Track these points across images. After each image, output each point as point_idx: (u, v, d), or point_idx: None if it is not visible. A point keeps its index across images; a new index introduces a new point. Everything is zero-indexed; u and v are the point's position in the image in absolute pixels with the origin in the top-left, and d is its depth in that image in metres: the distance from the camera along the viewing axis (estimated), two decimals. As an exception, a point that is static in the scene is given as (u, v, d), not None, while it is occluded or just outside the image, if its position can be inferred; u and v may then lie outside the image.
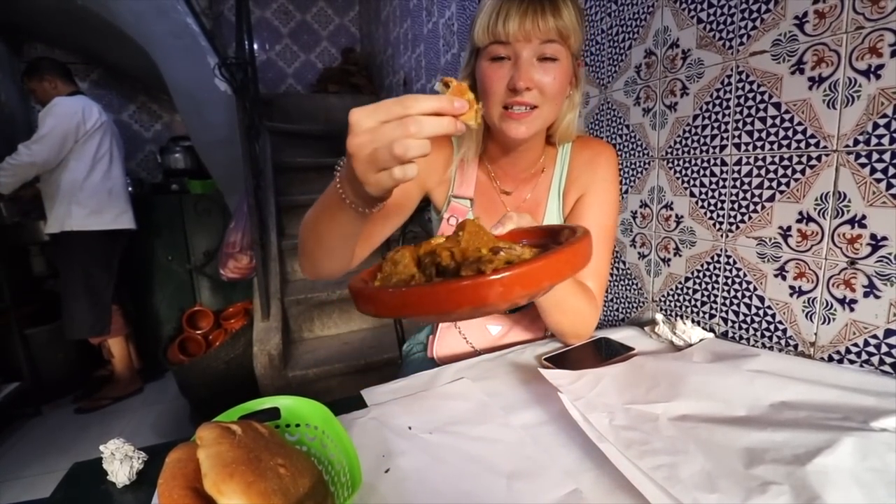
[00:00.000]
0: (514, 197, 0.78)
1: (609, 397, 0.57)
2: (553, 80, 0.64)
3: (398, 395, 0.67)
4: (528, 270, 0.31)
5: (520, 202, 0.78)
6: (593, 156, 0.77)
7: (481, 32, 0.64)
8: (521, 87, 0.62)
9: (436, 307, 0.32)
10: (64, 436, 1.98)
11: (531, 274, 0.31)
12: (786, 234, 0.73)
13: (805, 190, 0.70)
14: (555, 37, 0.62)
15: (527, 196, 0.78)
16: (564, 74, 0.65)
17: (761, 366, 0.61)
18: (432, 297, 0.32)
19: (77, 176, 2.05)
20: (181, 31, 2.24)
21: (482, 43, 0.65)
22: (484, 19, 0.63)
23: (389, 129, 0.37)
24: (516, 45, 0.62)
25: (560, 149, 0.79)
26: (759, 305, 0.78)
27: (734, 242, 0.81)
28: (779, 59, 0.71)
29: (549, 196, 0.78)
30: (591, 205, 0.76)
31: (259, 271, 1.87)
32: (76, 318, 2.06)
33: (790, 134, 0.71)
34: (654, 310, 1.00)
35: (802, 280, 0.71)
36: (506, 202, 0.78)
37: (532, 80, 0.63)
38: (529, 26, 0.60)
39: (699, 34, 0.83)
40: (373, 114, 0.38)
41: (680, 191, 0.90)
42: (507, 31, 0.61)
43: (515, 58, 0.63)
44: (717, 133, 0.82)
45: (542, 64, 0.63)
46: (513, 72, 0.63)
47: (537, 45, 0.62)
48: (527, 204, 0.78)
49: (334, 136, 3.07)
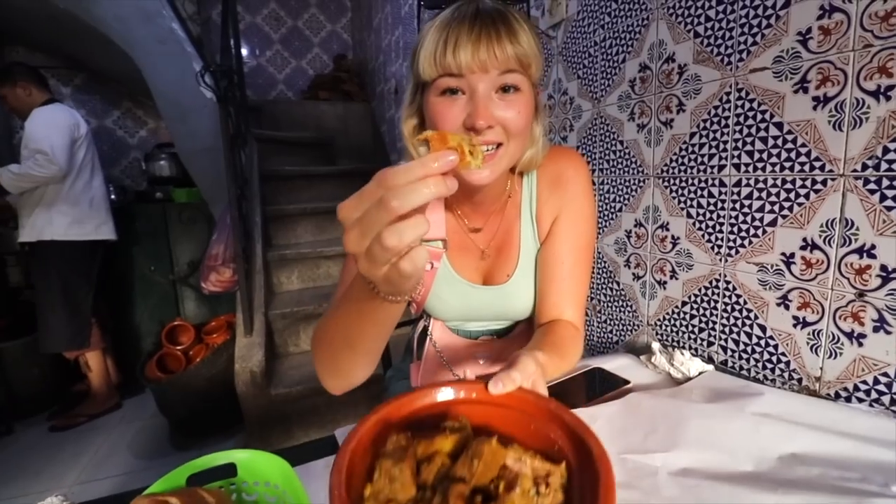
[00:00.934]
0: (484, 233, 0.73)
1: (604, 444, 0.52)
2: (517, 115, 0.56)
3: (375, 436, 0.61)
4: None
5: (490, 237, 0.73)
6: (559, 172, 0.70)
7: (427, 65, 0.55)
8: (481, 126, 0.54)
9: None
10: (36, 456, 1.89)
11: None
12: (789, 262, 0.69)
13: (809, 215, 0.66)
14: (514, 66, 0.55)
15: (497, 228, 0.72)
16: (528, 107, 0.58)
17: (766, 407, 0.57)
18: None
19: (62, 185, 2.00)
20: (166, 36, 2.19)
21: (429, 77, 0.56)
22: (429, 48, 0.55)
23: (373, 215, 0.31)
24: (471, 77, 0.54)
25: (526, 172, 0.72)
26: (761, 335, 0.74)
27: (734, 267, 0.77)
28: (781, 77, 0.67)
29: (521, 222, 0.72)
30: (567, 229, 0.69)
31: (242, 285, 1.81)
32: (54, 331, 1.99)
33: (793, 156, 0.67)
34: (650, 334, 0.96)
35: (807, 311, 0.67)
36: (476, 239, 0.73)
37: (493, 116, 0.55)
38: (485, 56, 0.53)
39: (696, 49, 0.79)
40: (357, 204, 0.32)
41: (676, 211, 0.86)
42: (459, 61, 0.53)
43: (471, 92, 0.55)
44: (715, 152, 0.78)
45: (504, 97, 0.56)
46: (469, 108, 0.55)
47: (495, 76, 0.54)
48: (498, 236, 0.72)
49: (324, 143, 3.02)
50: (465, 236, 0.73)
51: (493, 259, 0.73)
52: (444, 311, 0.77)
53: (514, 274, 0.71)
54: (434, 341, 0.81)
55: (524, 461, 0.34)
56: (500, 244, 0.72)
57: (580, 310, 0.70)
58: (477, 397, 0.41)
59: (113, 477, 1.74)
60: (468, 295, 0.73)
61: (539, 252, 0.72)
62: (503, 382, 0.40)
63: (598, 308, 1.11)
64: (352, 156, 3.29)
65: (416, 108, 0.63)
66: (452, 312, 0.77)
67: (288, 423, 1.77)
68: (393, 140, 2.91)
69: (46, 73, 2.77)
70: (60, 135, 1.95)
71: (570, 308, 0.69)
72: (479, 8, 0.54)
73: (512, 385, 0.40)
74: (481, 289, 0.73)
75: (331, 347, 0.52)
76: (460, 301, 0.74)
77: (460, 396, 0.41)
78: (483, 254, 0.73)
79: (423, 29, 0.58)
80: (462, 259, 0.73)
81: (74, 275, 2.08)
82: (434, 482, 0.34)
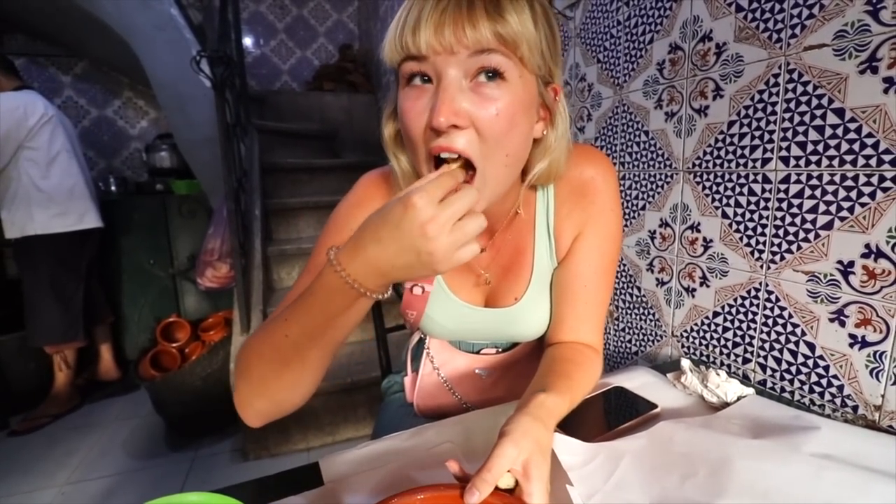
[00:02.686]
0: (488, 254, 0.62)
1: (632, 491, 0.44)
2: (494, 114, 0.43)
3: (363, 467, 0.53)
4: None
5: (493, 256, 0.62)
6: (584, 181, 0.58)
7: (389, 47, 0.45)
8: (440, 125, 0.41)
9: None
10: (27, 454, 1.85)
11: None
12: (847, 271, 0.59)
13: (875, 218, 0.56)
14: (491, 44, 0.41)
15: (502, 247, 0.62)
16: (515, 100, 0.44)
17: (826, 447, 0.48)
18: None
19: (33, 177, 1.92)
20: (165, 22, 2.12)
21: (392, 61, 0.45)
22: (392, 26, 0.44)
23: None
24: (435, 59, 0.42)
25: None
26: (809, 354, 0.64)
27: (777, 276, 0.67)
28: (844, 55, 0.57)
29: (535, 239, 0.61)
30: (591, 248, 0.59)
31: (239, 281, 1.74)
32: (47, 325, 1.93)
33: (856, 148, 0.57)
34: (674, 346, 0.87)
35: (867, 329, 0.58)
36: (477, 262, 0.62)
37: (460, 111, 0.42)
38: (450, 31, 0.41)
39: (738, 25, 0.70)
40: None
41: (710, 210, 0.77)
42: (419, 39, 0.41)
43: (437, 79, 0.43)
44: (758, 144, 0.68)
45: (479, 86, 0.43)
46: (433, 100, 0.43)
47: (465, 57, 0.42)
48: (504, 255, 0.62)
49: (328, 135, 2.94)
50: None
51: (498, 281, 0.64)
52: (439, 332, 0.67)
53: (524, 297, 0.62)
54: (432, 356, 0.73)
55: None
56: (508, 263, 0.62)
57: (599, 331, 0.61)
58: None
59: (106, 477, 1.68)
60: (467, 317, 0.64)
61: (556, 271, 0.62)
62: (480, 490, 0.37)
63: (615, 315, 1.02)
64: (356, 148, 3.21)
65: (393, 109, 0.50)
66: (451, 334, 0.68)
67: (285, 426, 1.70)
68: (399, 132, 2.83)
69: (46, 61, 2.73)
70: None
71: (589, 331, 0.60)
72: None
73: (488, 490, 0.37)
74: (482, 311, 0.64)
75: (272, 362, 0.44)
76: (457, 324, 0.65)
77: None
78: (481, 277, 0.63)
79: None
80: (459, 280, 0.63)
81: (62, 268, 2.01)
82: None
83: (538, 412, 0.44)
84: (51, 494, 1.59)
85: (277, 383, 0.45)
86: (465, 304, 0.63)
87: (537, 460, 0.40)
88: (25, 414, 2.05)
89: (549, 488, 0.40)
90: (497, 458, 0.39)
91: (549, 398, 0.47)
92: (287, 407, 0.47)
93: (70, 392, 2.12)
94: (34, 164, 1.90)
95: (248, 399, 0.47)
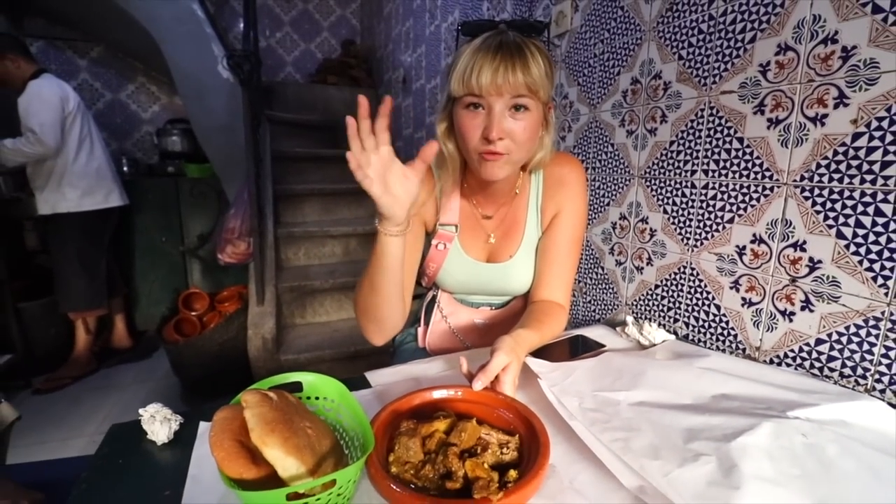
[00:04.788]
0: (494, 220, 0.87)
1: (580, 385, 0.67)
2: (523, 130, 0.70)
3: (397, 377, 0.76)
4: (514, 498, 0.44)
5: (499, 223, 0.87)
6: (562, 175, 0.85)
7: (457, 84, 0.69)
8: (493, 138, 0.67)
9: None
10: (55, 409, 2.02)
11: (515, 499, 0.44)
12: (741, 252, 0.84)
13: (759, 215, 0.80)
14: (524, 91, 0.67)
15: (505, 217, 0.87)
16: (534, 122, 0.71)
17: (710, 364, 0.72)
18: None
19: (66, 159, 2.08)
20: (187, 16, 2.27)
21: (458, 94, 0.70)
22: (460, 71, 0.68)
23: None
24: (489, 98, 0.67)
25: (534, 172, 0.87)
26: (716, 313, 0.89)
27: (698, 257, 0.92)
28: (744, 100, 0.81)
29: (527, 214, 0.86)
30: (565, 224, 0.85)
31: (256, 257, 1.93)
32: (75, 293, 2.11)
33: (749, 166, 0.81)
34: (627, 312, 1.11)
35: (752, 293, 0.82)
36: (486, 225, 0.87)
37: (504, 130, 0.68)
38: (501, 81, 0.65)
39: (679, 69, 0.93)
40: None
41: (655, 207, 1.01)
42: (481, 85, 0.66)
43: (489, 109, 0.68)
44: (689, 159, 0.92)
45: (514, 114, 0.69)
46: (486, 122, 0.68)
47: (508, 98, 0.67)
48: (506, 223, 0.87)
49: (332, 127, 3.12)
50: (476, 221, 0.87)
51: (499, 241, 0.88)
52: (451, 285, 0.91)
53: (516, 255, 0.86)
54: (442, 308, 0.96)
55: (492, 434, 0.53)
56: (507, 229, 0.87)
57: (568, 291, 0.86)
58: (462, 396, 0.61)
59: (129, 430, 1.87)
60: (473, 271, 0.88)
61: (540, 240, 0.87)
62: (481, 380, 0.60)
63: (584, 290, 1.26)
64: (357, 140, 3.39)
65: (447, 114, 0.77)
66: (458, 286, 0.91)
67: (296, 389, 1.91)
68: (399, 128, 3.02)
69: (64, 44, 2.85)
70: (49, 112, 1.98)
71: (559, 290, 0.85)
72: (501, 41, 0.67)
73: (487, 381, 0.60)
74: (485, 266, 0.88)
75: (364, 298, 0.71)
76: (466, 276, 0.89)
77: (449, 395, 0.61)
78: (488, 237, 0.87)
79: (458, 51, 0.71)
80: (471, 240, 0.87)
81: (88, 242, 2.19)
82: (435, 449, 0.52)
83: (518, 338, 0.69)
84: (83, 442, 1.78)
85: (370, 310, 0.72)
86: (473, 260, 0.87)
87: (513, 366, 0.64)
88: (47, 375, 2.22)
89: (517, 383, 0.64)
90: (493, 362, 0.62)
91: (526, 332, 0.72)
92: (388, 325, 0.75)
93: (89, 356, 2.30)
94: (68, 147, 2.07)
95: (364, 328, 0.77)
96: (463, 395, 0.61)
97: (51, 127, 1.98)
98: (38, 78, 2.04)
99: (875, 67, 0.66)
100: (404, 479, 0.49)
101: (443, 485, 0.48)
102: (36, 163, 2.06)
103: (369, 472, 0.48)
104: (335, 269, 2.28)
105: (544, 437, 0.51)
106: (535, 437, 0.52)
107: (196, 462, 0.54)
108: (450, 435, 0.53)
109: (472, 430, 0.53)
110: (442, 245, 0.86)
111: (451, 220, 0.86)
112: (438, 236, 0.86)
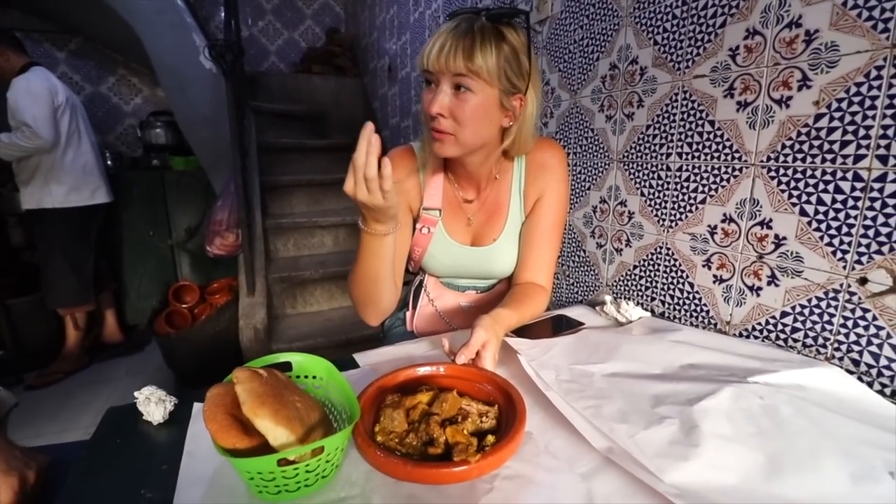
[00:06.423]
0: (475, 204, 0.89)
1: (558, 360, 0.71)
2: (464, 110, 0.71)
3: (384, 358, 0.79)
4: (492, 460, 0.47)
5: (479, 207, 0.89)
6: (545, 160, 0.86)
7: (419, 59, 0.73)
8: (433, 112, 0.71)
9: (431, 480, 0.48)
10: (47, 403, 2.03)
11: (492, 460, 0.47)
12: (713, 232, 0.87)
13: (729, 195, 0.84)
14: (464, 72, 0.69)
15: (486, 201, 0.89)
16: (478, 106, 0.71)
17: (681, 337, 0.76)
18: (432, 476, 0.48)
19: (53, 154, 2.06)
20: (167, 6, 2.24)
21: (420, 68, 0.74)
22: (424, 47, 0.72)
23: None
24: (438, 74, 0.70)
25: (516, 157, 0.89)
26: (690, 290, 0.93)
27: (673, 237, 0.95)
28: (715, 84, 0.84)
29: (510, 198, 0.88)
30: (548, 208, 0.87)
31: (245, 249, 1.94)
32: (61, 289, 2.10)
33: (720, 148, 0.84)
34: (607, 292, 1.15)
35: (723, 270, 0.86)
36: (467, 209, 0.89)
37: (444, 107, 0.70)
38: (444, 60, 0.68)
39: (654, 54, 0.96)
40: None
41: (633, 190, 1.04)
42: (430, 60, 0.70)
43: (437, 86, 0.71)
44: (664, 142, 0.95)
45: (456, 94, 0.71)
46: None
47: (450, 76, 0.70)
48: (487, 207, 0.89)
49: (318, 117, 3.10)
50: (458, 205, 0.89)
51: (482, 225, 0.90)
52: (437, 268, 0.94)
53: (499, 238, 0.89)
54: (428, 292, 0.99)
55: (473, 405, 0.57)
56: (490, 213, 0.89)
57: (550, 273, 0.89)
58: (444, 372, 0.64)
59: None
60: (458, 254, 0.90)
61: (523, 224, 0.89)
62: (465, 355, 0.65)
63: (567, 273, 1.29)
64: (344, 130, 3.37)
65: None
66: (444, 269, 0.94)
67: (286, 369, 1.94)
68: (385, 116, 3.02)
69: (41, 37, 2.79)
70: (41, 105, 1.96)
71: (541, 272, 0.88)
72: (459, 23, 0.70)
73: (469, 356, 0.65)
74: (469, 249, 0.90)
75: (358, 282, 0.75)
76: (451, 260, 0.91)
77: (432, 371, 0.65)
78: (469, 220, 0.90)
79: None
80: (454, 224, 0.90)
81: (74, 238, 2.18)
82: (419, 419, 0.56)
83: (497, 317, 0.73)
84: (78, 434, 1.80)
85: (366, 293, 0.77)
86: (457, 243, 0.89)
87: (492, 342, 0.68)
88: (38, 371, 2.22)
89: (497, 359, 0.68)
90: (473, 338, 0.66)
91: (505, 311, 0.76)
92: (384, 306, 0.79)
93: (80, 352, 2.30)
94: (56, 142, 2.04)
95: (360, 311, 0.82)
96: (446, 371, 0.64)
97: (44, 120, 1.96)
98: (26, 72, 2.01)
99: (835, 50, 0.69)
100: (389, 446, 0.52)
101: (425, 451, 0.51)
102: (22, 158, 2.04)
103: (356, 441, 0.51)
104: (325, 260, 2.30)
105: (521, 406, 0.54)
106: (513, 406, 0.55)
107: (191, 439, 0.57)
108: (432, 406, 0.56)
109: (453, 401, 0.56)
110: (426, 229, 0.89)
111: (435, 205, 0.89)
112: (423, 220, 0.89)
